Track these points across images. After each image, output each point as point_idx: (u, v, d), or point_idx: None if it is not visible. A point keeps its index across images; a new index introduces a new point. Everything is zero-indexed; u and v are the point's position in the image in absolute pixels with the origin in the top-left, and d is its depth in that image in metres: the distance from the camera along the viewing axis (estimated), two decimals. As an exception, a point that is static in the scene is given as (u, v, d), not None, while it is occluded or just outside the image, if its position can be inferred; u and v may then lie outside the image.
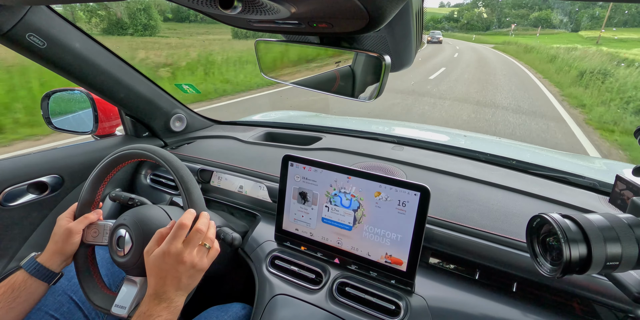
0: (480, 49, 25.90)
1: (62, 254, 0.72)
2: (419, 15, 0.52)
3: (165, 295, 0.61)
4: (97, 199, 0.80)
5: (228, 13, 0.39)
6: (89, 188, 0.78)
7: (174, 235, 0.63)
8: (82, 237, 0.75)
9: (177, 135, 1.38)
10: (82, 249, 0.75)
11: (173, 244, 0.62)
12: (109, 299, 0.72)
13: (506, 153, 1.18)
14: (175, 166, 0.72)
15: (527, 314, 0.66)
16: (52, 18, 0.85)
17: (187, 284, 0.63)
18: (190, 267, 0.63)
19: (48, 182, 1.05)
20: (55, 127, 1.20)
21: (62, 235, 0.72)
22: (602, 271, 0.41)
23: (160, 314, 0.59)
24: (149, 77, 1.18)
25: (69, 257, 0.74)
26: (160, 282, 0.62)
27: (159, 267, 0.62)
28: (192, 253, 0.63)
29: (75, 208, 0.78)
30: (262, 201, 1.00)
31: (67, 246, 0.72)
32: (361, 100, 0.62)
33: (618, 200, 0.62)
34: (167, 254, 0.62)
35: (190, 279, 0.64)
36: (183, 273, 0.62)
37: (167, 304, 0.60)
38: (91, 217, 0.77)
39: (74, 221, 0.75)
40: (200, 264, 0.64)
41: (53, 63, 0.90)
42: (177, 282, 0.62)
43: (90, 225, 0.77)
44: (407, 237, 0.70)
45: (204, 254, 0.66)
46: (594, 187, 0.96)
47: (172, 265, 0.62)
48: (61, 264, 0.73)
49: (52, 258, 0.71)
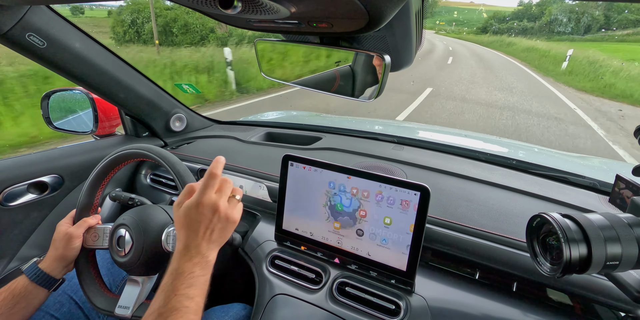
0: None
1: (64, 259, 0.72)
2: (419, 14, 0.52)
3: (197, 249, 0.57)
4: (95, 202, 0.80)
5: (228, 13, 0.39)
6: (86, 192, 0.78)
7: (207, 184, 0.60)
8: (83, 241, 0.75)
9: (177, 135, 1.38)
10: (82, 253, 0.75)
11: (207, 194, 0.59)
12: (112, 301, 0.72)
13: (506, 153, 1.18)
14: (175, 166, 0.72)
15: (527, 313, 0.66)
16: (51, 18, 0.85)
17: (219, 236, 0.60)
18: (224, 218, 0.60)
19: (48, 182, 1.05)
20: (55, 127, 1.21)
21: (62, 240, 0.72)
22: (602, 271, 0.41)
23: (193, 270, 0.55)
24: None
25: (71, 262, 0.74)
26: (192, 235, 0.58)
27: (192, 218, 0.58)
28: (226, 203, 0.60)
29: (74, 214, 0.78)
30: (262, 201, 1.00)
31: (68, 251, 0.72)
32: (361, 100, 0.62)
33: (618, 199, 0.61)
34: (201, 204, 0.58)
35: (223, 231, 0.60)
36: (217, 224, 0.59)
37: (199, 259, 0.56)
38: (90, 221, 0.77)
39: (74, 226, 0.75)
40: (232, 216, 0.61)
41: (53, 63, 0.91)
42: (210, 235, 0.59)
43: (90, 230, 0.77)
44: (407, 237, 0.70)
45: (236, 205, 0.63)
46: (594, 187, 0.96)
47: (207, 216, 0.58)
48: (62, 269, 0.73)
49: (53, 264, 0.71)
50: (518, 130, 5.12)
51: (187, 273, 0.55)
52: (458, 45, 28.58)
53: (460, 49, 24.57)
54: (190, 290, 0.53)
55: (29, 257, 1.05)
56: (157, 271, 0.74)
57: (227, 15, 0.52)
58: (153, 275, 0.74)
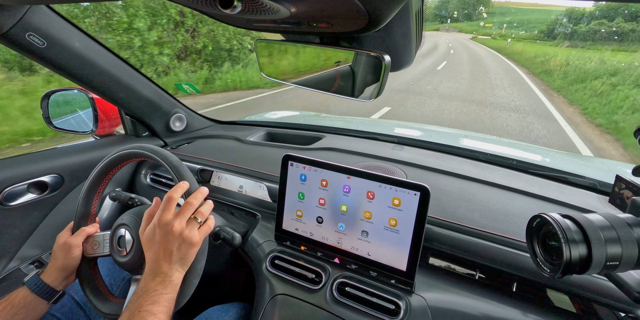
0: None
1: (65, 269, 0.72)
2: (418, 14, 0.52)
3: (160, 269, 0.60)
4: (92, 211, 0.80)
5: (228, 13, 0.39)
6: (83, 200, 0.78)
7: (163, 207, 0.64)
8: (83, 251, 0.75)
9: (177, 135, 1.38)
10: (84, 263, 0.75)
11: (162, 216, 0.63)
12: (118, 305, 0.72)
13: (506, 153, 1.18)
14: (175, 165, 0.72)
15: (527, 314, 0.66)
16: (51, 17, 0.85)
17: (180, 257, 0.62)
18: (179, 238, 0.62)
19: (48, 181, 1.05)
20: (56, 127, 1.21)
21: (61, 251, 0.72)
22: (602, 271, 0.41)
23: (156, 289, 0.58)
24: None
25: (72, 273, 0.74)
26: (153, 255, 0.62)
27: (151, 240, 0.63)
28: (182, 224, 0.63)
29: (72, 225, 0.78)
30: (262, 201, 1.00)
31: (68, 261, 0.72)
32: (361, 100, 0.61)
33: (618, 200, 0.61)
34: (157, 226, 0.62)
35: (182, 251, 0.62)
36: (174, 244, 0.61)
37: (161, 279, 0.59)
38: (89, 230, 0.76)
39: (72, 236, 0.75)
40: (190, 236, 0.63)
41: (53, 63, 0.91)
42: (170, 255, 0.61)
43: (89, 238, 0.76)
44: (407, 237, 0.70)
45: (195, 227, 0.64)
46: (594, 187, 0.96)
47: (163, 236, 0.62)
48: (64, 281, 0.72)
49: (54, 275, 0.71)
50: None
51: (151, 291, 0.58)
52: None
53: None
54: (154, 306, 0.56)
55: (29, 257, 1.05)
56: None
57: (227, 15, 0.52)
58: None
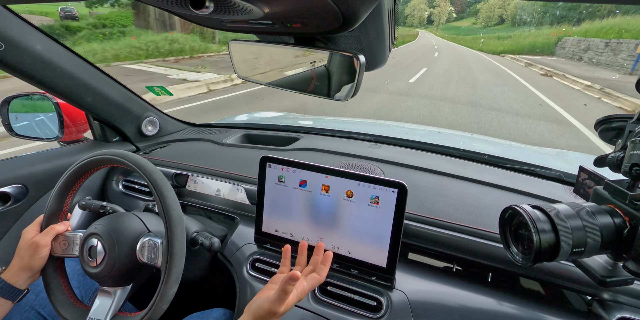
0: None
1: (29, 269, 0.68)
2: (391, 15, 0.53)
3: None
4: (64, 209, 0.75)
5: (199, 13, 0.38)
6: (55, 197, 0.73)
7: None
8: (51, 250, 0.71)
9: (149, 139, 1.34)
10: (50, 262, 0.71)
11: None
12: (82, 312, 0.69)
13: (478, 148, 1.22)
14: (148, 170, 0.69)
15: (502, 302, 0.69)
16: (9, 19, 0.80)
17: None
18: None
19: (10, 192, 0.99)
20: (18, 135, 1.14)
21: (28, 249, 0.68)
22: (570, 258, 0.44)
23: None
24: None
25: (37, 273, 0.70)
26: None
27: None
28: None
29: (41, 220, 0.73)
30: (241, 204, 0.99)
31: (34, 261, 0.68)
32: (337, 100, 0.62)
33: (582, 189, 0.65)
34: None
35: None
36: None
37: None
38: (58, 228, 0.72)
39: (40, 233, 0.71)
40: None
41: (12, 66, 0.85)
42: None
43: (58, 237, 0.72)
44: (386, 234, 0.72)
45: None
46: (560, 178, 1.02)
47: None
48: (27, 280, 0.68)
49: (17, 274, 0.67)
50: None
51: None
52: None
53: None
54: None
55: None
56: (130, 282, 0.71)
57: (199, 16, 0.51)
58: (126, 286, 0.71)
